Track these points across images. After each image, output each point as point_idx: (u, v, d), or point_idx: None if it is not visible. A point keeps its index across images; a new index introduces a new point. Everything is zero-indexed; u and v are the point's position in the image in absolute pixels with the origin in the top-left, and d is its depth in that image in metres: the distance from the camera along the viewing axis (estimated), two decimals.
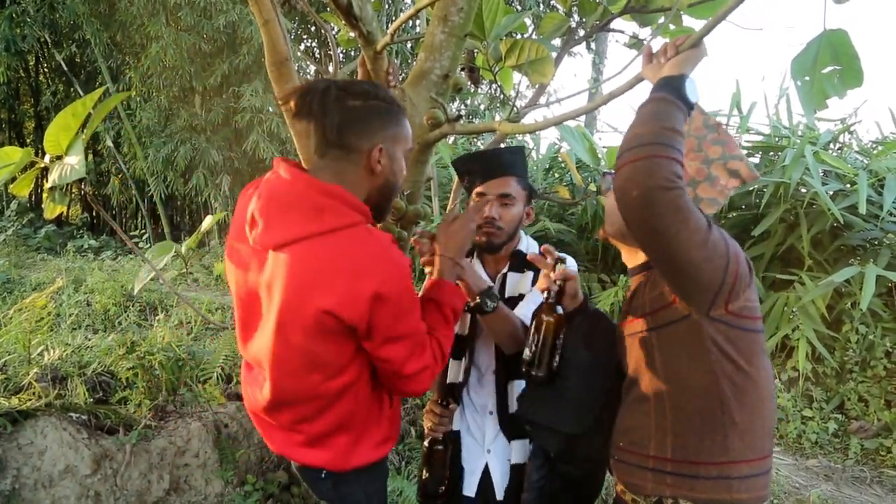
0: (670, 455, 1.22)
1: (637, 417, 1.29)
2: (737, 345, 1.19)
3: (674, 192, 1.05)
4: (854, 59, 1.28)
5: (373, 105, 1.30)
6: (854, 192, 4.32)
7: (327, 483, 1.41)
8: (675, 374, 1.22)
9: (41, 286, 5.76)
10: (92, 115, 1.87)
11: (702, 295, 1.14)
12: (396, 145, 1.34)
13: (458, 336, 1.82)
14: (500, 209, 1.74)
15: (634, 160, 1.07)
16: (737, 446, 1.19)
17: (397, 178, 1.36)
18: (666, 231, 1.06)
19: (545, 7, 11.25)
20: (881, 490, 3.47)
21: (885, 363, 4.08)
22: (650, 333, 1.26)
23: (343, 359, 1.29)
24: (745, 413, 1.19)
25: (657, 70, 1.24)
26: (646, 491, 1.26)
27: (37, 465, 2.46)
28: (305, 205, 1.23)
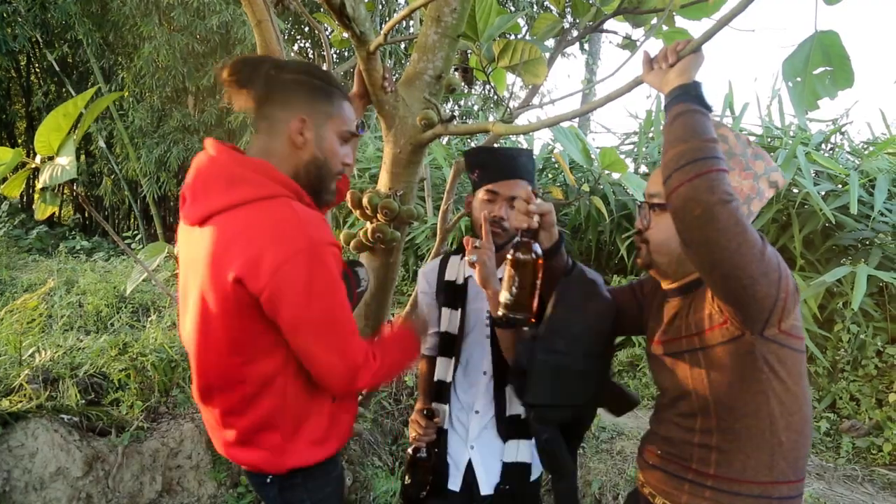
0: (713, 471, 1.21)
1: (680, 432, 1.28)
2: (786, 365, 1.19)
3: (733, 205, 1.05)
4: (845, 60, 1.28)
5: (303, 80, 1.32)
6: (845, 192, 4.34)
7: (273, 489, 1.39)
8: (724, 395, 1.21)
9: (33, 287, 5.73)
10: (83, 115, 1.86)
11: (758, 312, 1.13)
12: (327, 123, 1.33)
13: (449, 334, 1.83)
14: (508, 211, 1.74)
15: (692, 178, 1.06)
16: (781, 466, 1.19)
17: (327, 157, 1.34)
18: (728, 245, 1.05)
19: (538, 8, 11.28)
20: (872, 488, 3.49)
21: (876, 362, 4.10)
22: (697, 353, 1.24)
23: (262, 342, 1.26)
24: (791, 433, 1.20)
25: (661, 76, 1.24)
26: (680, 500, 1.25)
27: (28, 467, 2.45)
28: (224, 178, 1.24)
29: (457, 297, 1.83)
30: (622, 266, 5.52)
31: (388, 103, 1.76)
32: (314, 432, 1.37)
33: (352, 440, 3.23)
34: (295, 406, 1.33)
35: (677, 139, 1.12)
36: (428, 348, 1.94)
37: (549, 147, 6.81)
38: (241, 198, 1.22)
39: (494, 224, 1.72)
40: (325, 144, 1.33)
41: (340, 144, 1.36)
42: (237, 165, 1.25)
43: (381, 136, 1.92)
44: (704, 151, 1.08)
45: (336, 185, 1.41)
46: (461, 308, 1.82)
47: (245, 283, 1.17)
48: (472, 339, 1.84)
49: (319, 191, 1.36)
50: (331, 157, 1.35)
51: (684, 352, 1.27)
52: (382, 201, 1.83)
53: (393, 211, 1.84)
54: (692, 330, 1.26)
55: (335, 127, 1.34)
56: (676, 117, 1.15)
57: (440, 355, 1.86)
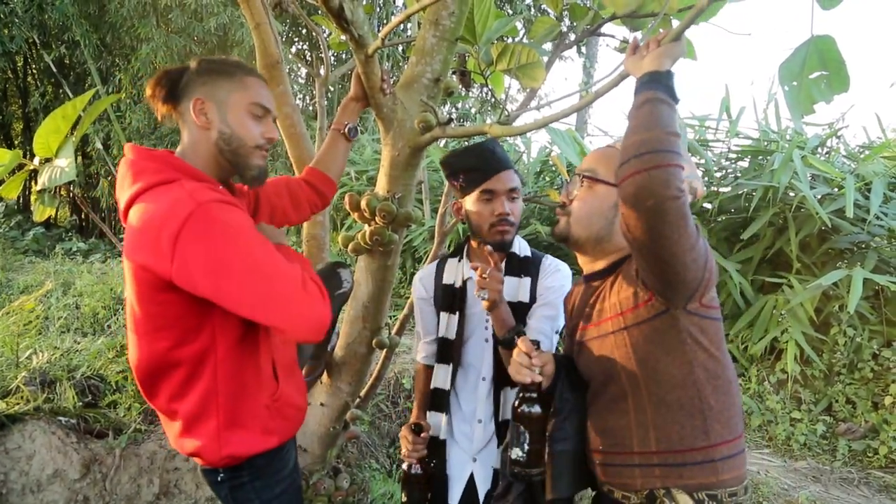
0: (654, 447, 1.25)
1: (614, 418, 1.31)
2: (707, 333, 1.25)
3: (682, 200, 1.09)
4: (841, 64, 1.29)
5: (200, 68, 1.35)
6: (841, 195, 4.36)
7: (224, 488, 1.39)
8: (652, 369, 1.25)
9: (29, 289, 5.71)
10: (82, 117, 1.86)
11: (685, 291, 1.18)
12: (228, 98, 1.33)
13: (446, 340, 1.81)
14: (510, 204, 1.73)
15: (649, 168, 1.08)
16: (716, 429, 1.24)
17: (234, 130, 1.33)
18: (670, 236, 1.09)
19: (536, 11, 11.30)
20: (868, 491, 3.50)
21: (872, 365, 4.11)
22: (624, 332, 1.28)
23: (186, 323, 1.25)
24: (719, 396, 1.25)
25: (637, 62, 1.25)
26: (635, 486, 1.28)
27: (25, 469, 2.44)
28: (132, 172, 1.27)
29: (455, 301, 1.81)
30: None
31: (387, 106, 1.77)
32: (252, 421, 1.36)
33: (349, 443, 3.23)
34: (227, 390, 1.31)
35: (641, 126, 1.14)
36: (424, 357, 1.91)
37: (546, 150, 6.82)
38: (142, 186, 1.24)
39: (503, 222, 1.71)
40: (230, 119, 1.33)
41: (252, 118, 1.35)
42: (143, 159, 1.29)
43: (379, 138, 1.92)
44: (665, 144, 1.10)
45: (261, 162, 1.39)
46: (460, 312, 1.80)
47: (152, 268, 1.18)
48: (471, 343, 1.81)
49: (239, 168, 1.36)
50: (240, 130, 1.33)
51: (610, 333, 1.31)
52: (380, 204, 1.84)
53: (391, 213, 1.84)
54: (617, 310, 1.30)
55: (240, 100, 1.34)
56: (644, 104, 1.16)
57: (438, 362, 1.83)
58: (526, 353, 1.34)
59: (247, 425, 1.35)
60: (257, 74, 1.41)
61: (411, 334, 4.80)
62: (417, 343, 1.96)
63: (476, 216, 1.75)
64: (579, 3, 2.06)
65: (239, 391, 1.33)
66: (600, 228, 1.37)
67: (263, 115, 1.37)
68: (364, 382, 2.29)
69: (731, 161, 5.62)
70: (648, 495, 1.26)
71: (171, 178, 1.24)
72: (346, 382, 2.18)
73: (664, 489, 1.24)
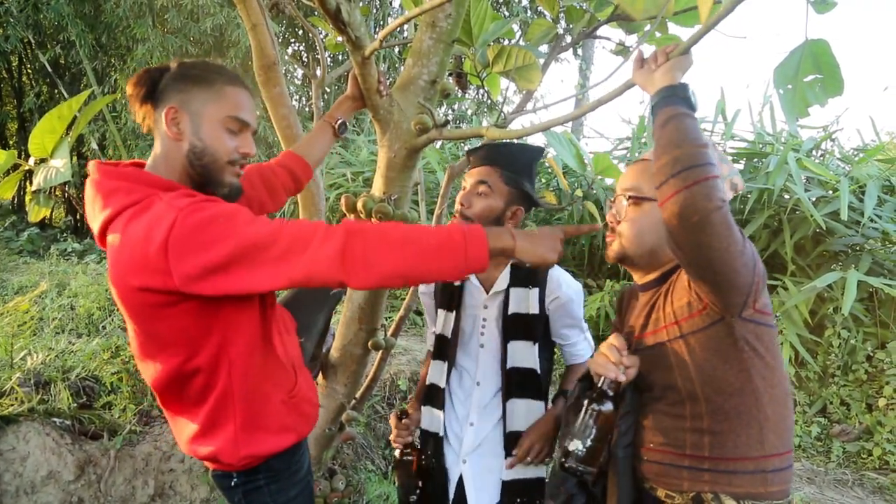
0: (707, 453, 1.24)
1: (669, 421, 1.30)
2: (763, 341, 1.24)
3: (725, 210, 1.09)
4: (835, 68, 1.30)
5: (178, 73, 1.28)
6: (836, 198, 4.38)
7: (238, 492, 1.37)
8: (709, 377, 1.24)
9: (24, 290, 5.69)
10: (77, 117, 1.86)
11: (738, 297, 1.18)
12: (203, 109, 1.26)
13: (443, 337, 1.82)
14: (471, 197, 1.70)
15: (689, 185, 1.09)
16: (771, 440, 1.23)
17: (207, 145, 1.26)
18: (719, 246, 1.10)
19: (533, 13, 11.32)
20: (862, 492, 3.51)
21: (866, 367, 4.13)
22: (680, 340, 1.27)
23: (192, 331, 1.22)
24: (776, 406, 1.24)
25: (648, 76, 1.25)
26: (682, 487, 1.27)
27: (19, 471, 2.44)
28: (101, 194, 1.22)
29: (452, 299, 1.81)
30: (615, 271, 5.53)
31: (383, 108, 1.77)
32: (269, 419, 1.34)
33: (345, 444, 3.23)
34: (242, 390, 1.29)
35: (671, 144, 1.14)
36: (431, 345, 1.93)
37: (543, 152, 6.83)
38: (117, 208, 1.19)
39: (460, 214, 1.71)
40: (203, 132, 1.26)
41: (227, 132, 1.28)
42: (110, 179, 1.22)
43: (376, 139, 1.92)
44: (699, 158, 1.10)
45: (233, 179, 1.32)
46: (456, 311, 1.81)
47: (155, 287, 1.14)
48: (466, 346, 1.81)
49: (208, 183, 1.29)
50: (213, 143, 1.26)
51: (667, 341, 1.30)
52: (377, 205, 1.84)
53: (387, 215, 1.84)
54: (672, 319, 1.29)
55: (215, 113, 1.26)
56: (668, 120, 1.16)
57: (435, 358, 1.85)
58: (618, 349, 1.31)
59: (264, 424, 1.33)
60: (240, 83, 1.32)
61: (407, 336, 4.81)
62: (427, 331, 2.00)
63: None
64: (575, 6, 2.06)
65: (254, 390, 1.31)
66: (653, 243, 1.37)
67: (240, 130, 1.30)
68: (360, 384, 2.29)
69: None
70: (695, 497, 1.25)
71: (144, 195, 1.19)
72: (342, 384, 2.18)
73: (712, 493, 1.23)
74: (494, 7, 10.86)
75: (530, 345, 1.73)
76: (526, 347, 1.73)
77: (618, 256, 1.43)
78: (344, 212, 1.92)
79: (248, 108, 1.31)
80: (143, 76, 1.29)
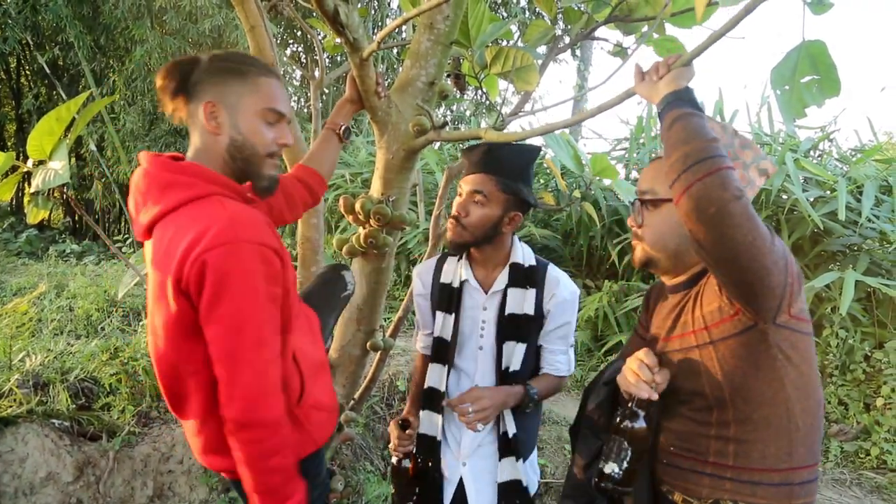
0: (731, 462, 1.21)
1: (694, 426, 1.27)
2: (798, 349, 1.19)
3: (744, 200, 1.05)
4: (832, 69, 1.30)
5: (212, 66, 1.27)
6: (834, 198, 4.39)
7: None
8: (740, 385, 1.20)
9: (22, 291, 5.69)
10: (76, 119, 1.86)
11: (771, 300, 1.13)
12: (240, 102, 1.26)
13: (442, 340, 1.80)
14: (467, 206, 1.67)
15: (702, 177, 1.06)
16: (800, 452, 1.19)
17: (246, 138, 1.26)
18: (744, 240, 1.05)
19: (531, 14, 11.33)
20: (860, 492, 3.52)
21: (864, 367, 4.13)
22: (710, 346, 1.23)
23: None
24: (807, 417, 1.20)
25: (652, 87, 1.24)
26: (700, 494, 1.24)
27: (17, 472, 2.44)
28: (156, 186, 1.22)
29: (451, 301, 1.79)
30: (613, 271, 5.54)
31: (381, 109, 1.77)
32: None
33: (343, 445, 3.23)
34: None
35: (679, 142, 1.12)
36: (422, 347, 1.90)
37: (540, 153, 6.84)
38: (174, 202, 1.19)
39: (454, 221, 1.68)
40: (241, 125, 1.26)
41: (265, 124, 1.28)
42: (167, 171, 1.22)
43: (374, 141, 1.92)
44: (709, 151, 1.08)
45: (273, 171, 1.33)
46: (455, 313, 1.79)
47: (178, 279, 1.14)
48: (465, 348, 1.80)
49: (250, 176, 1.30)
50: (252, 137, 1.27)
51: (695, 346, 1.26)
52: (375, 207, 1.84)
53: (385, 216, 1.84)
54: (701, 324, 1.25)
55: (253, 105, 1.27)
56: (674, 122, 1.15)
57: (433, 361, 1.82)
58: (649, 367, 1.25)
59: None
60: (273, 73, 1.32)
61: (406, 336, 4.81)
62: (417, 333, 1.96)
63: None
64: (573, 7, 2.07)
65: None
66: (677, 245, 1.32)
67: (277, 121, 1.30)
68: (358, 385, 2.30)
69: None
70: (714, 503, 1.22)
71: (205, 192, 1.20)
72: (341, 385, 2.18)
73: (732, 501, 1.20)
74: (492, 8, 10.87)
75: (523, 346, 1.73)
76: (519, 348, 1.73)
77: (643, 262, 1.39)
78: (343, 213, 1.92)
79: (283, 98, 1.32)
80: (172, 69, 1.27)
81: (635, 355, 1.28)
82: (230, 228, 1.14)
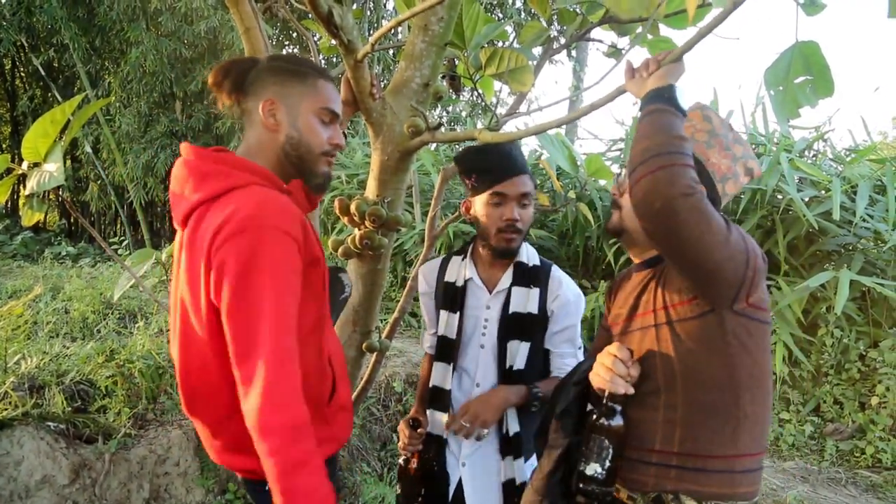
0: (676, 448, 1.21)
1: (642, 412, 1.27)
2: (754, 337, 1.21)
3: (695, 198, 1.07)
4: (825, 69, 1.31)
5: (272, 66, 1.33)
6: (828, 198, 4.40)
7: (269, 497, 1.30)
8: (692, 368, 1.21)
9: (18, 293, 5.67)
10: (71, 121, 1.85)
11: (726, 290, 1.15)
12: (300, 102, 1.31)
13: (447, 339, 1.81)
14: (520, 210, 1.70)
15: (653, 171, 1.08)
16: (745, 440, 1.20)
17: (303, 135, 1.30)
18: (690, 236, 1.07)
19: (526, 16, 11.34)
20: (855, 490, 3.53)
21: (858, 366, 4.15)
22: (667, 326, 1.25)
23: None
24: (756, 405, 1.21)
25: (641, 84, 1.26)
26: (646, 487, 1.24)
27: (13, 475, 2.43)
28: (194, 176, 1.24)
29: (455, 300, 1.80)
30: (609, 272, 5.55)
31: (376, 111, 1.77)
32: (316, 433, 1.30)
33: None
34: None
35: (643, 136, 1.15)
36: (429, 346, 1.92)
37: (535, 154, 6.85)
38: (211, 191, 1.21)
39: (510, 229, 1.69)
40: (299, 123, 1.30)
41: (320, 124, 1.33)
42: (206, 162, 1.25)
43: (370, 142, 1.93)
44: (669, 146, 1.10)
45: (327, 169, 1.37)
46: (460, 312, 1.80)
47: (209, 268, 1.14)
48: (467, 347, 1.81)
49: (304, 173, 1.33)
50: (308, 135, 1.31)
51: (653, 326, 1.28)
52: (370, 208, 1.84)
53: (381, 218, 1.85)
54: (662, 304, 1.27)
55: (310, 105, 1.31)
56: (645, 116, 1.18)
57: (437, 360, 1.83)
58: (623, 363, 1.25)
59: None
60: (328, 76, 1.37)
61: (402, 338, 4.81)
62: (424, 333, 1.99)
63: (484, 219, 1.73)
64: (568, 8, 2.07)
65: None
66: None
67: (331, 121, 1.35)
68: (355, 386, 2.29)
69: None
70: (656, 498, 1.23)
71: (243, 182, 1.22)
72: None
73: (673, 494, 1.21)
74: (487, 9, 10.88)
75: (527, 345, 1.74)
76: (523, 348, 1.74)
77: (614, 228, 1.43)
78: (338, 214, 1.92)
79: (337, 101, 1.37)
80: (230, 67, 1.32)
81: (606, 350, 1.29)
82: (261, 213, 1.15)
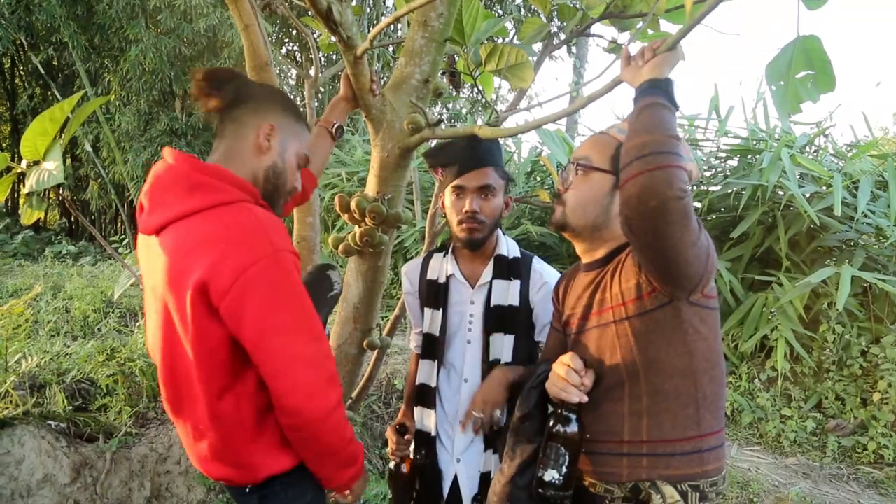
0: (645, 437, 1.25)
1: (608, 405, 1.30)
2: (707, 323, 1.26)
3: (685, 201, 1.09)
4: (826, 64, 1.30)
5: (277, 96, 1.39)
6: (829, 194, 4.39)
7: (253, 499, 1.34)
8: (653, 358, 1.25)
9: (18, 292, 5.67)
10: (70, 119, 1.85)
11: (687, 284, 1.19)
12: (291, 138, 1.37)
13: (431, 336, 1.81)
14: (480, 202, 1.69)
15: (651, 169, 1.09)
16: (707, 419, 1.26)
17: (286, 167, 1.36)
18: (673, 235, 1.10)
19: (526, 12, 11.32)
20: (857, 486, 3.53)
21: (860, 362, 4.14)
22: (626, 322, 1.28)
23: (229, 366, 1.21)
24: (713, 386, 1.27)
25: (636, 72, 1.25)
26: (620, 478, 1.27)
27: (14, 474, 2.43)
28: (181, 185, 1.23)
29: (438, 297, 1.80)
30: None
31: (376, 107, 1.77)
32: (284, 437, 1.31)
33: None
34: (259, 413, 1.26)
35: (643, 129, 1.15)
36: (416, 346, 1.91)
37: (536, 150, 6.84)
38: (199, 204, 1.20)
39: (469, 220, 1.68)
40: (287, 156, 1.36)
41: (297, 165, 1.40)
42: (196, 172, 1.23)
43: (369, 139, 1.92)
44: (667, 146, 1.11)
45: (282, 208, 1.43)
46: (443, 308, 1.80)
47: (208, 287, 1.14)
48: (453, 343, 1.81)
49: (269, 198, 1.35)
50: (288, 171, 1.37)
51: (612, 322, 1.30)
52: (370, 205, 1.84)
53: (381, 215, 1.84)
54: (619, 300, 1.29)
55: (298, 147, 1.39)
56: (644, 108, 1.17)
57: (423, 357, 1.83)
58: (576, 372, 1.28)
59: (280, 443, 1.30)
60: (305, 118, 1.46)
61: (402, 335, 4.81)
62: (410, 332, 1.98)
63: (448, 211, 1.75)
64: (568, 4, 2.06)
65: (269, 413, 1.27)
66: (596, 216, 1.37)
67: (302, 166, 1.44)
68: (355, 384, 2.29)
69: (720, 160, 5.66)
70: (633, 488, 1.25)
71: (233, 198, 1.22)
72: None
73: (649, 482, 1.24)
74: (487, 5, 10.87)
75: (511, 338, 1.73)
76: (507, 340, 1.73)
77: (558, 223, 1.43)
78: (338, 211, 1.92)
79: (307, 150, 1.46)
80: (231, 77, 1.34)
81: (560, 360, 1.32)
82: (267, 238, 1.18)
